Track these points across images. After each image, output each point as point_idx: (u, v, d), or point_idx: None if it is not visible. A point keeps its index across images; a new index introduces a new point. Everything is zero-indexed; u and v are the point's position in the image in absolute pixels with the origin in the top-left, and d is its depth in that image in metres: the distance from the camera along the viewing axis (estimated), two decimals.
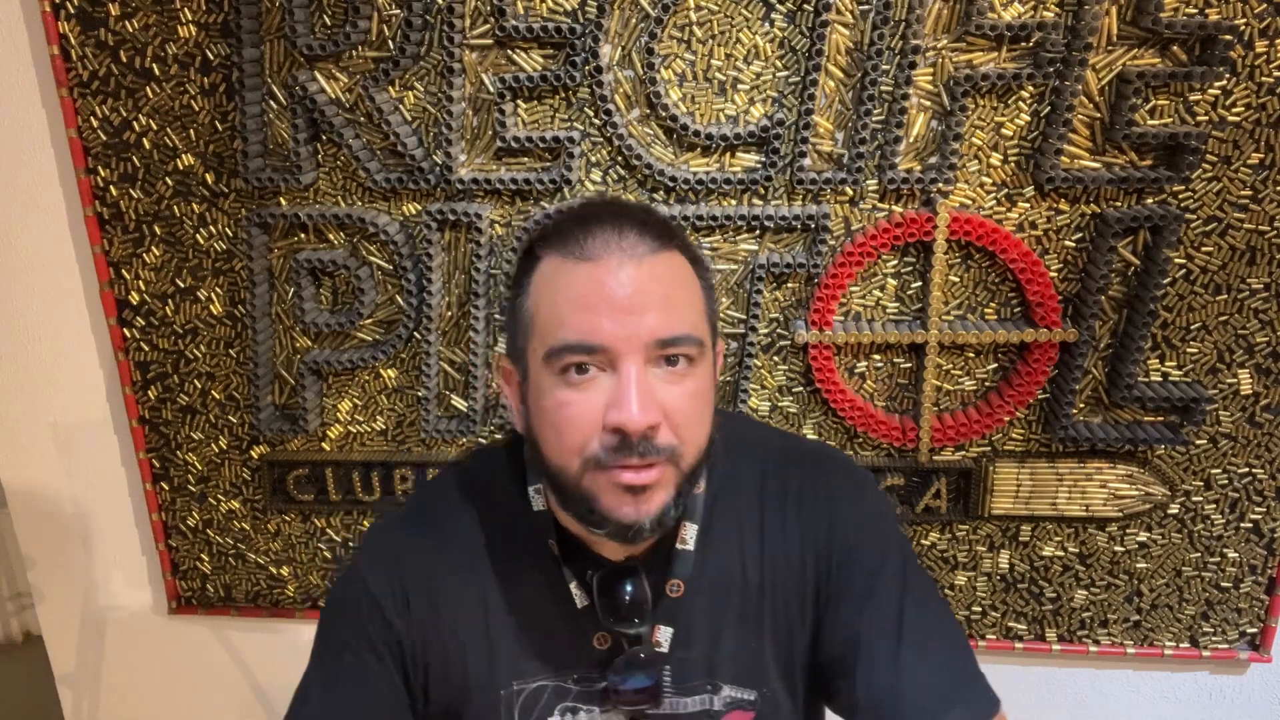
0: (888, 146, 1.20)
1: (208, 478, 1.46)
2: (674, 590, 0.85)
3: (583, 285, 0.75)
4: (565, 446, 0.76)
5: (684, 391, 0.76)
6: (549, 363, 0.75)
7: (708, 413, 0.79)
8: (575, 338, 0.74)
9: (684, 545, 0.85)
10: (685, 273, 0.79)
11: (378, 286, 1.33)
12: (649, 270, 0.75)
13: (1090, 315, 1.23)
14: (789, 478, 0.90)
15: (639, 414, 0.72)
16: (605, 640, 0.85)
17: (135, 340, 1.39)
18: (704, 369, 0.78)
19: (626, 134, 1.22)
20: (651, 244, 0.76)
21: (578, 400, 0.75)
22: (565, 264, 0.76)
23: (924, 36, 1.16)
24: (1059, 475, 1.32)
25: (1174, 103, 1.16)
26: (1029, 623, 1.42)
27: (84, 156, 1.31)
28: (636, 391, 0.73)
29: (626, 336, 0.73)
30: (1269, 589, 1.36)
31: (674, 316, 0.75)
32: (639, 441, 0.73)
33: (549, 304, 0.76)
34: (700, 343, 0.77)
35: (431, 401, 1.35)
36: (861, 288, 1.28)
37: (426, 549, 0.87)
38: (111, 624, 1.59)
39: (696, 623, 0.86)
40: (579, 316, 0.74)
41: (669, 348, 0.75)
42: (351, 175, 1.29)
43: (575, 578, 0.85)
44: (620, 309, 0.73)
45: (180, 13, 1.23)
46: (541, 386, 0.77)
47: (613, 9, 1.18)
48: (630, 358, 0.73)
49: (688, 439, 0.76)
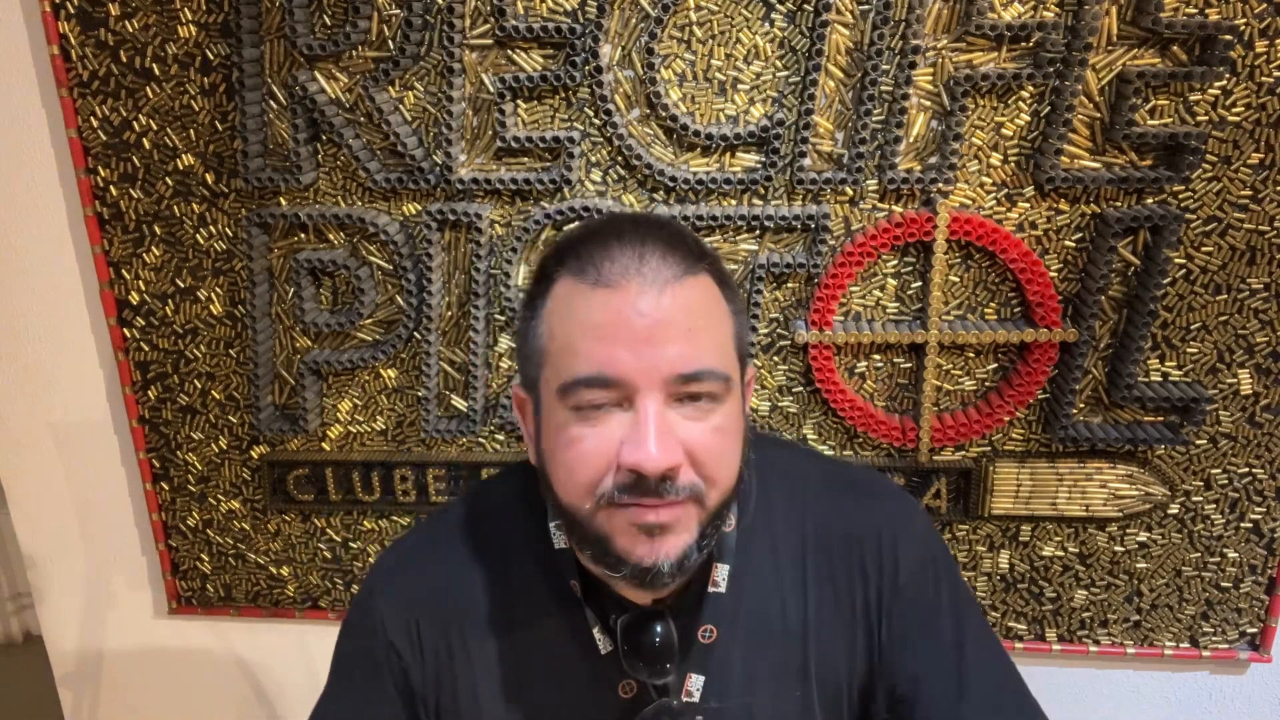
0: (888, 146, 1.20)
1: (208, 478, 1.46)
2: (706, 636, 0.79)
3: (599, 314, 0.69)
4: (577, 484, 0.70)
5: (708, 428, 0.70)
6: (562, 397, 0.70)
7: (736, 449, 0.73)
8: (590, 370, 0.68)
9: (716, 588, 0.79)
10: (712, 299, 0.73)
11: (378, 286, 1.33)
12: (672, 298, 0.69)
13: (1090, 315, 1.23)
14: (832, 512, 0.83)
15: (658, 454, 0.67)
16: (631, 689, 0.79)
17: (135, 340, 1.39)
18: (731, 403, 0.72)
19: (626, 134, 1.22)
20: (676, 269, 0.70)
21: (591, 436, 0.69)
22: (581, 288, 0.70)
23: (924, 36, 1.16)
24: (1059, 475, 1.32)
25: (1174, 103, 1.16)
26: (1029, 623, 1.42)
27: (84, 156, 1.31)
28: (655, 429, 0.67)
29: (645, 370, 0.68)
30: (1269, 589, 1.36)
31: (698, 349, 0.69)
32: (657, 483, 0.68)
33: (562, 332, 0.71)
34: (727, 378, 0.71)
35: (431, 401, 1.35)
36: (861, 288, 1.28)
37: (443, 589, 0.83)
38: (111, 624, 1.59)
39: (732, 671, 0.80)
40: (596, 348, 0.68)
41: (691, 383, 0.69)
42: (351, 175, 1.29)
43: (599, 621, 0.79)
44: (640, 341, 0.68)
45: (180, 13, 1.23)
46: (555, 420, 0.72)
47: (613, 9, 1.18)
48: (649, 393, 0.68)
49: (713, 478, 0.71)
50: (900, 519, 0.84)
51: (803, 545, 0.83)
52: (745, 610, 0.81)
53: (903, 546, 0.83)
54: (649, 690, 0.79)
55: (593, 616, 0.79)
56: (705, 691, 0.79)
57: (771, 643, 0.81)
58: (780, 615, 0.81)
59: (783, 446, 0.93)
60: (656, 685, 0.78)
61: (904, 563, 0.82)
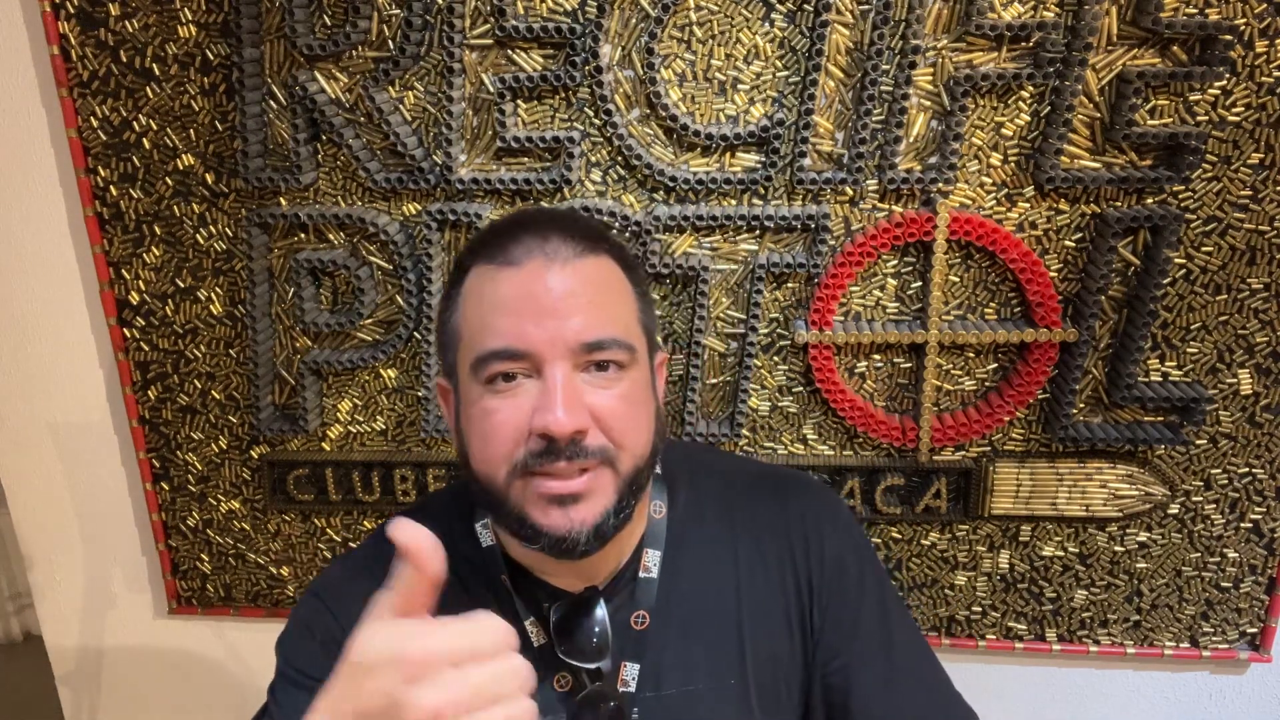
0: (888, 146, 1.20)
1: (208, 478, 1.46)
2: (639, 622, 0.81)
3: (507, 290, 0.73)
4: (492, 455, 0.73)
5: (614, 394, 0.73)
6: (476, 372, 0.73)
7: (644, 417, 0.76)
8: (501, 343, 0.72)
9: (647, 573, 0.82)
10: (615, 277, 0.77)
11: (378, 286, 1.33)
12: (574, 273, 0.73)
13: (1090, 315, 1.23)
14: (761, 505, 0.87)
15: (565, 417, 0.70)
16: (566, 682, 0.80)
17: (135, 340, 1.39)
18: (637, 374, 0.76)
19: (626, 134, 1.22)
20: (577, 247, 0.74)
21: (504, 407, 0.72)
22: (490, 271, 0.74)
23: (924, 36, 1.16)
24: (1059, 475, 1.32)
25: (1174, 103, 1.16)
26: (1029, 623, 1.42)
27: (84, 156, 1.31)
28: (563, 394, 0.70)
29: (551, 340, 0.71)
30: (1269, 589, 1.36)
31: (601, 319, 0.73)
32: (566, 445, 0.71)
33: (475, 313, 0.75)
34: (630, 348, 0.74)
35: (431, 401, 1.35)
36: (861, 288, 1.28)
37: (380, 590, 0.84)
38: (111, 624, 1.59)
39: (666, 659, 0.81)
40: (504, 322, 0.72)
41: (596, 351, 0.72)
42: (351, 175, 1.29)
43: (531, 613, 0.81)
44: (545, 313, 0.71)
45: (180, 13, 1.23)
46: (470, 397, 0.75)
47: (613, 9, 1.18)
48: (556, 362, 0.71)
49: (623, 442, 0.74)
50: (826, 512, 0.88)
51: (733, 536, 0.85)
52: (678, 597, 0.83)
53: (828, 537, 0.86)
54: (584, 681, 0.80)
55: (524, 609, 0.81)
56: (641, 681, 0.80)
57: (705, 631, 0.83)
58: (713, 603, 0.83)
59: (711, 450, 0.97)
60: (590, 671, 0.79)
61: (830, 552, 0.85)
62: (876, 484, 1.35)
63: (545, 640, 0.80)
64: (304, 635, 0.87)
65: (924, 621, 1.43)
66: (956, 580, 1.40)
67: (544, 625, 0.80)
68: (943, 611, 1.42)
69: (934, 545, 1.38)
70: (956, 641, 1.43)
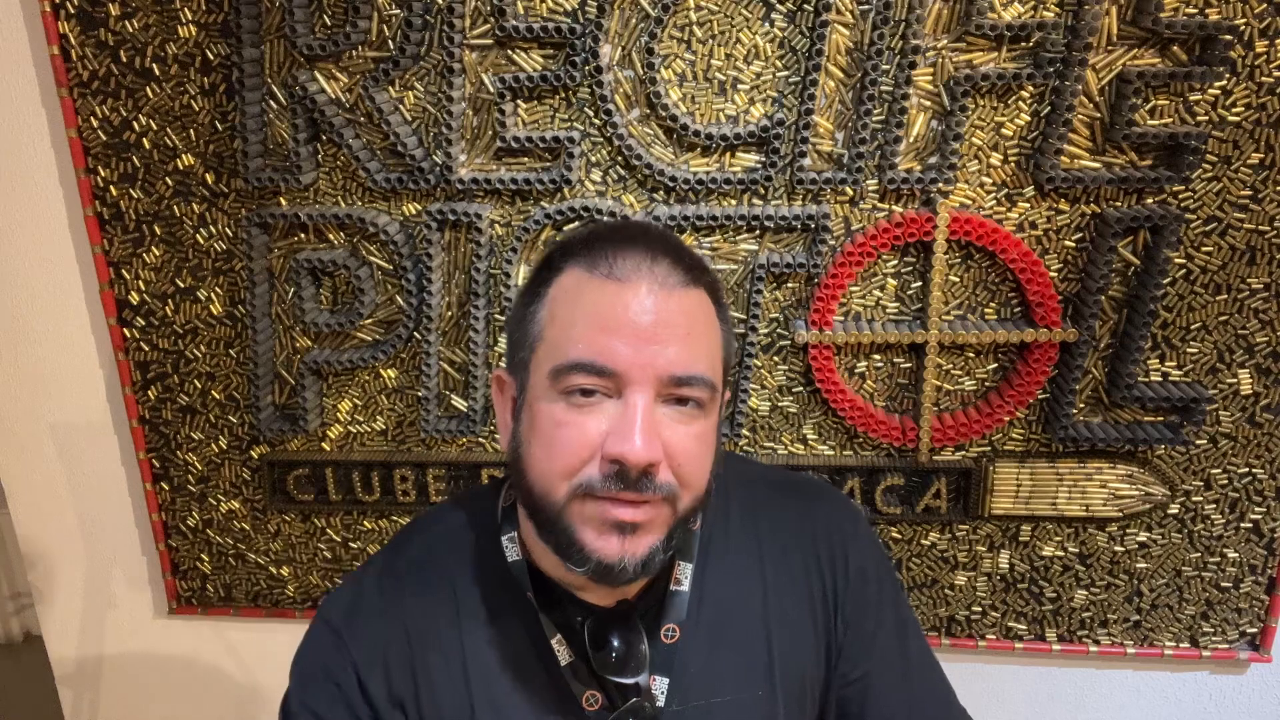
0: (888, 146, 1.20)
1: (208, 478, 1.46)
2: (669, 635, 0.79)
3: (607, 304, 0.70)
4: (555, 469, 0.71)
5: (690, 433, 0.72)
6: (554, 379, 0.71)
7: (710, 457, 0.75)
8: (588, 356, 0.69)
9: (679, 587, 0.80)
10: (709, 314, 0.75)
11: (378, 286, 1.33)
12: (676, 303, 0.71)
13: (1090, 315, 1.23)
14: (783, 514, 0.86)
15: (643, 447, 0.68)
16: (596, 701, 0.78)
17: (135, 340, 1.39)
18: (712, 414, 0.74)
19: (626, 134, 1.22)
20: (683, 277, 0.72)
21: (577, 422, 0.70)
22: (591, 280, 0.72)
23: (924, 36, 1.16)
24: (1059, 475, 1.32)
25: (1174, 103, 1.16)
26: (1029, 623, 1.42)
27: (84, 156, 1.31)
28: (643, 423, 0.68)
29: (642, 365, 0.69)
30: (1269, 589, 1.36)
31: (694, 354, 0.71)
32: (637, 477, 0.69)
33: (565, 318, 0.72)
34: (715, 387, 0.73)
35: (431, 401, 1.35)
36: (861, 288, 1.28)
37: (402, 616, 0.81)
38: (111, 624, 1.59)
39: (694, 672, 0.80)
40: (596, 336, 0.70)
41: (682, 386, 0.71)
42: (351, 175, 1.29)
43: (559, 630, 0.79)
44: (641, 336, 0.69)
45: (180, 13, 1.23)
46: (539, 403, 0.72)
47: (613, 9, 1.18)
48: (641, 387, 0.69)
49: (687, 482, 0.72)
50: (847, 522, 0.87)
51: (759, 545, 0.84)
52: (706, 608, 0.81)
53: (852, 547, 0.86)
54: (614, 698, 0.78)
55: (550, 627, 0.79)
56: (670, 694, 0.79)
57: (733, 641, 0.81)
58: (741, 613, 0.82)
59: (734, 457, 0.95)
60: (625, 687, 0.77)
61: (854, 562, 0.85)
62: (876, 484, 1.35)
63: (572, 659, 0.78)
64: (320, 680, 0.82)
65: (924, 621, 1.43)
66: (956, 580, 1.40)
67: (570, 642, 0.78)
68: (943, 611, 1.42)
69: (934, 545, 1.38)
70: (956, 641, 1.43)
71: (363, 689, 0.80)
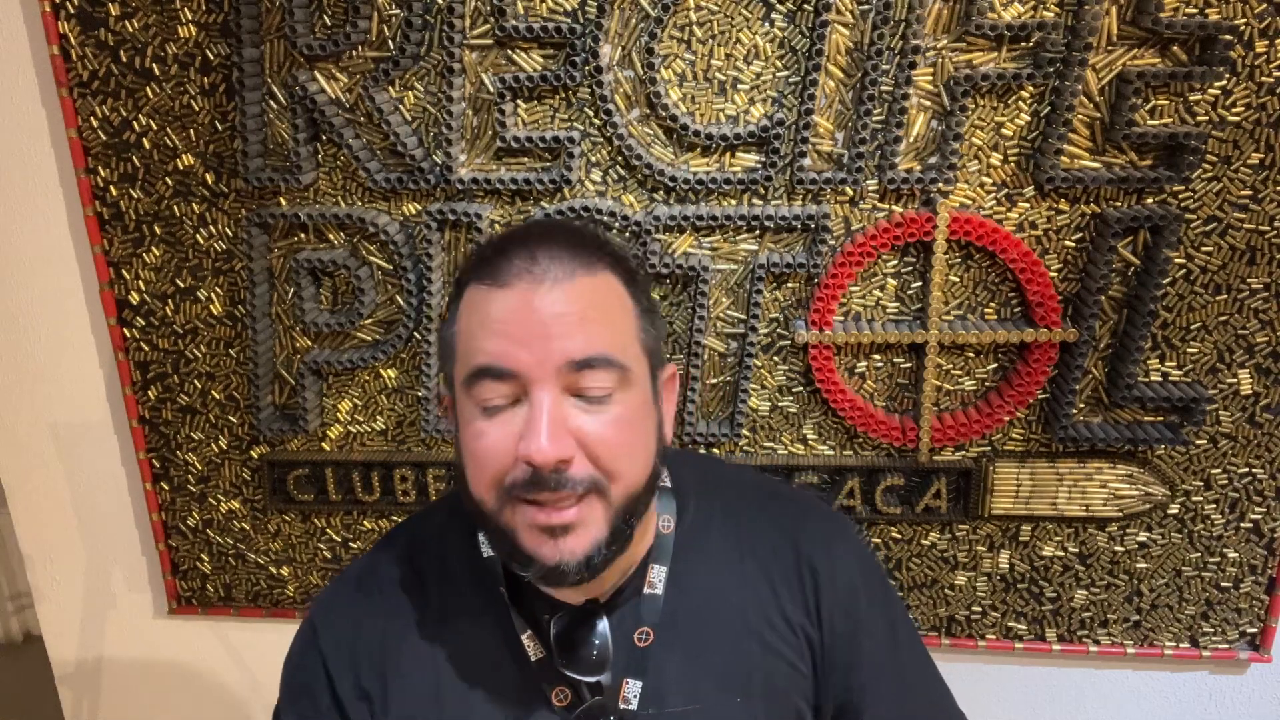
0: (888, 146, 1.20)
1: (208, 478, 1.46)
2: (642, 638, 0.79)
3: (495, 310, 0.72)
4: (482, 479, 0.72)
5: (605, 420, 0.71)
6: (469, 391, 0.73)
7: (640, 442, 0.74)
8: (486, 361, 0.71)
9: (651, 589, 0.80)
10: (612, 293, 0.75)
11: (378, 286, 1.33)
12: (564, 293, 0.71)
13: (1090, 315, 1.23)
14: (769, 523, 0.85)
15: (547, 445, 0.68)
16: (565, 697, 0.78)
17: (135, 340, 1.39)
18: (633, 396, 0.73)
19: (626, 134, 1.22)
20: (568, 265, 0.72)
21: (493, 431, 0.71)
22: (483, 291, 0.73)
23: (924, 36, 1.16)
24: (1059, 475, 1.32)
25: (1174, 103, 1.16)
26: (1029, 623, 1.42)
27: (84, 156, 1.31)
28: (547, 421, 0.69)
29: (537, 362, 0.69)
30: (1269, 589, 1.36)
31: (590, 338, 0.71)
32: (550, 475, 0.69)
33: (467, 330, 0.74)
34: (623, 367, 0.72)
35: (431, 401, 1.35)
36: (861, 288, 1.28)
37: (378, 612, 0.83)
38: (111, 624, 1.59)
39: (670, 677, 0.79)
40: (490, 342, 0.71)
41: (585, 370, 0.70)
42: (351, 175, 1.29)
43: (530, 626, 0.79)
44: (533, 335, 0.70)
45: (180, 13, 1.23)
46: (464, 416, 0.74)
47: (613, 9, 1.18)
48: (542, 385, 0.70)
49: (613, 471, 0.71)
50: (835, 534, 0.87)
51: (741, 555, 0.84)
52: (683, 614, 0.81)
53: (839, 562, 0.85)
54: (584, 696, 0.78)
55: (521, 623, 0.79)
56: (643, 699, 0.78)
57: (711, 648, 0.81)
58: (720, 621, 0.81)
59: (722, 465, 0.95)
60: (590, 685, 0.77)
61: (841, 576, 0.84)
62: (876, 484, 1.35)
63: (542, 655, 0.79)
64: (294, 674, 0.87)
65: (924, 621, 1.43)
66: (956, 580, 1.40)
67: (541, 639, 0.79)
68: (943, 611, 1.42)
69: (934, 545, 1.38)
70: (956, 641, 1.43)
71: (330, 681, 0.82)
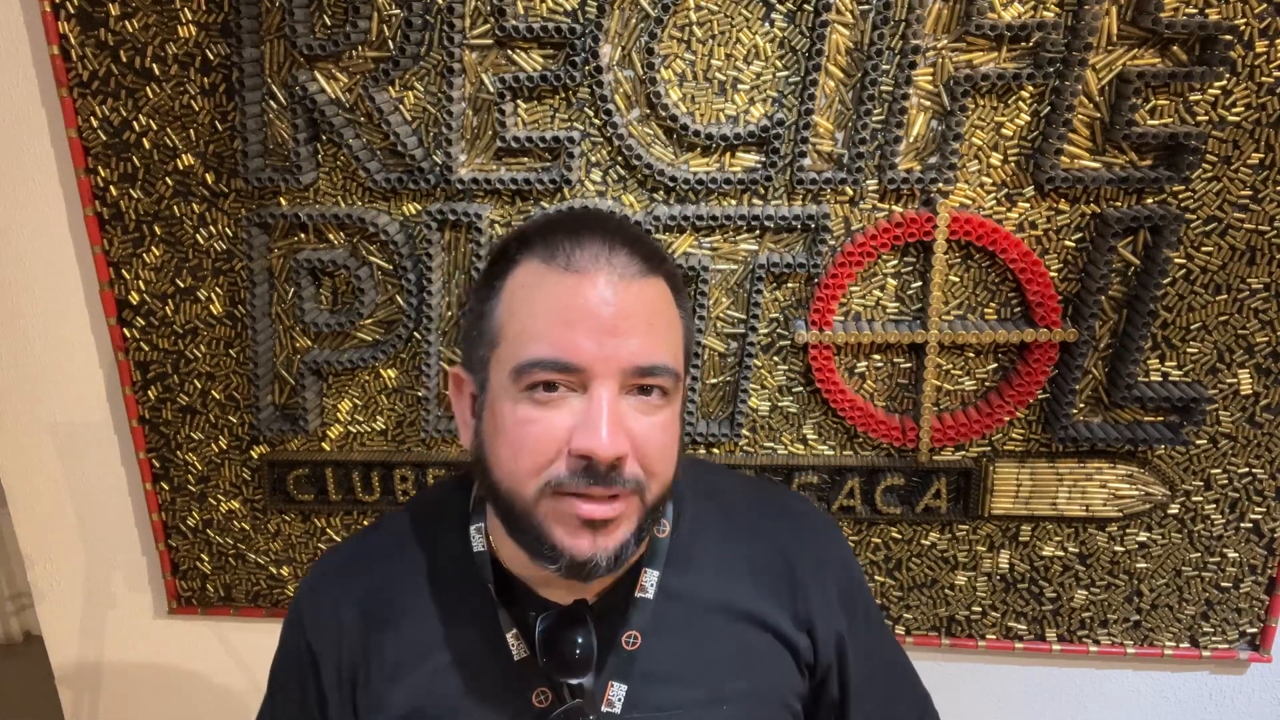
0: (888, 146, 1.20)
1: (208, 478, 1.46)
2: (630, 642, 0.78)
3: (566, 298, 0.69)
4: (522, 468, 0.70)
5: (655, 423, 0.71)
6: (516, 377, 0.69)
7: (675, 447, 0.74)
8: (551, 354, 0.68)
9: (643, 593, 0.79)
10: (669, 302, 0.74)
11: (378, 286, 1.33)
12: (636, 293, 0.70)
13: (1090, 315, 1.23)
14: (763, 531, 0.85)
15: (609, 441, 0.67)
16: (546, 698, 0.77)
17: (135, 340, 1.39)
18: (676, 403, 0.74)
19: (626, 134, 1.22)
20: (640, 265, 0.71)
21: (542, 419, 0.69)
22: (548, 273, 0.70)
23: (924, 36, 1.16)
24: (1059, 475, 1.32)
25: (1174, 103, 1.16)
26: (1029, 623, 1.42)
27: (84, 156, 1.31)
28: (609, 417, 0.68)
29: (605, 358, 0.68)
30: (1269, 589, 1.36)
31: (656, 345, 0.70)
32: (606, 471, 0.68)
33: (524, 313, 0.70)
34: (677, 376, 0.72)
35: (431, 401, 1.35)
36: (861, 288, 1.28)
37: (365, 597, 0.82)
38: (111, 623, 1.59)
39: (656, 682, 0.78)
40: (557, 331, 0.68)
41: (646, 377, 0.70)
42: (351, 175, 1.29)
43: (515, 625, 0.78)
44: (603, 329, 0.68)
45: (180, 13, 1.23)
46: (502, 401, 0.71)
47: (613, 9, 1.18)
48: (605, 381, 0.68)
49: (655, 472, 0.71)
50: (826, 540, 0.88)
51: (732, 560, 0.83)
52: (673, 619, 0.79)
53: (830, 567, 0.85)
54: (564, 698, 0.76)
55: (507, 621, 0.78)
56: (628, 702, 0.77)
57: (700, 654, 0.80)
58: (710, 626, 0.80)
59: (716, 469, 0.95)
60: (572, 686, 0.76)
61: (831, 582, 0.85)
62: (876, 484, 1.35)
63: (526, 654, 0.78)
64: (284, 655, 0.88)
65: (924, 621, 1.43)
66: (956, 580, 1.40)
67: (526, 638, 0.78)
68: (943, 611, 1.42)
69: (934, 545, 1.38)
70: (956, 641, 1.43)
71: (314, 664, 0.82)
